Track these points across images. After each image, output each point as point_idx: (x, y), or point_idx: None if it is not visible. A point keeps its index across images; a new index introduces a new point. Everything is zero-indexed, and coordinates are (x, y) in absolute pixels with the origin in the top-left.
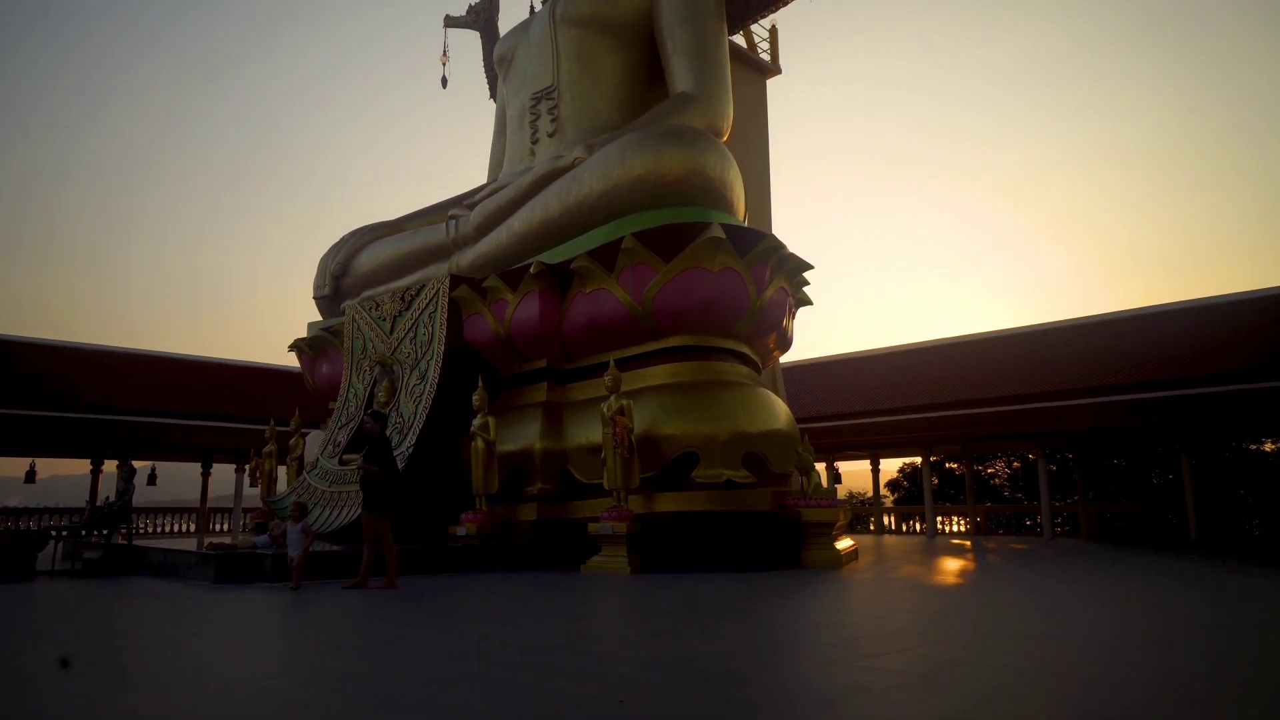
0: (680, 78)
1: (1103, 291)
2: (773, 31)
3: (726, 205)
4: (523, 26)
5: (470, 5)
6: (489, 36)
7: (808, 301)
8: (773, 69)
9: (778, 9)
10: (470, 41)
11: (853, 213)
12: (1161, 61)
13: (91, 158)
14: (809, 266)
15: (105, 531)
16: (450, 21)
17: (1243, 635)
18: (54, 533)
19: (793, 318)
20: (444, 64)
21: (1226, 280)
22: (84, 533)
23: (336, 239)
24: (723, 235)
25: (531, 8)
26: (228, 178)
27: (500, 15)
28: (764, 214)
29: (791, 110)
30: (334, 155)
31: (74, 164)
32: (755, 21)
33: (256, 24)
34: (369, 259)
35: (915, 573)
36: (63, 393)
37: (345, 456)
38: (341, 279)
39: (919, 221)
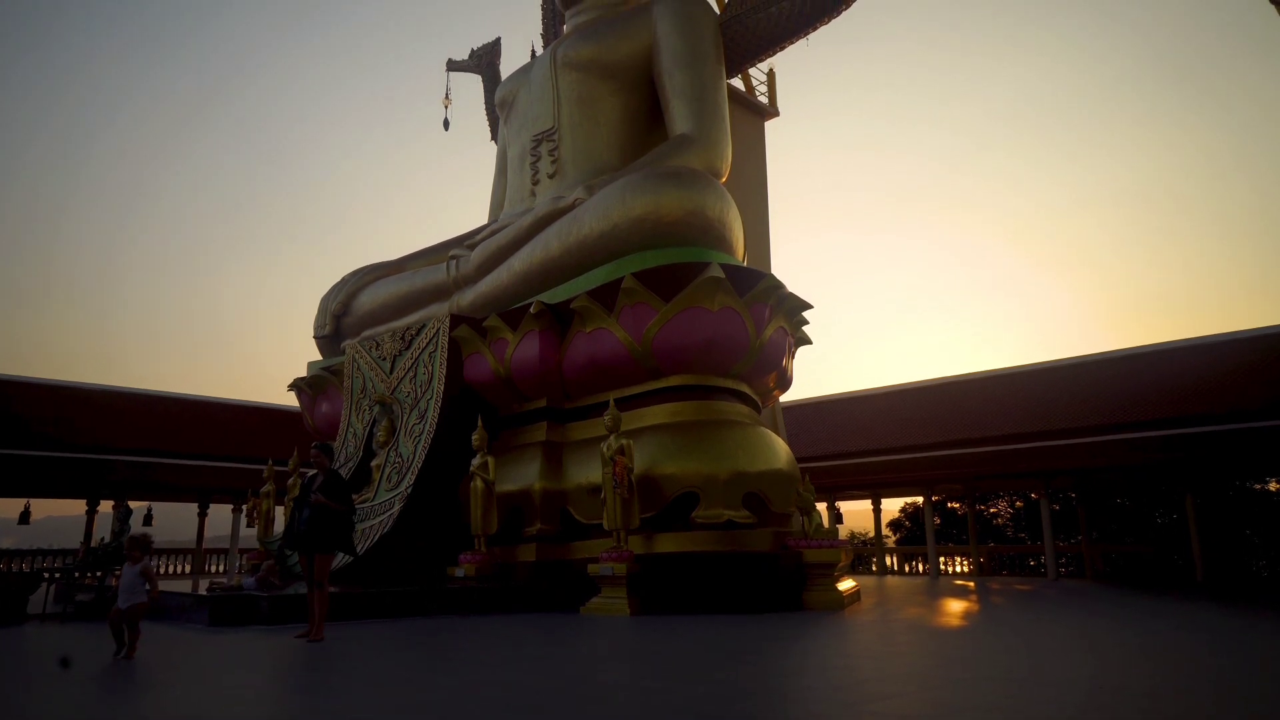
0: (680, 120)
1: (1104, 330)
2: (770, 74)
3: (726, 245)
4: (524, 70)
5: (472, 49)
6: (490, 80)
7: (807, 341)
8: (771, 111)
9: (775, 53)
10: (472, 85)
11: (852, 252)
12: (1165, 99)
13: (85, 195)
14: (808, 306)
15: (99, 573)
16: (453, 65)
17: (1242, 682)
18: (47, 575)
19: (792, 357)
20: (446, 106)
21: (1227, 319)
22: (77, 574)
23: (336, 277)
24: (722, 275)
25: (533, 51)
26: (224, 215)
27: (501, 59)
28: (763, 254)
29: (790, 151)
30: (333, 193)
31: (68, 201)
32: (753, 65)
33: (250, 59)
34: (370, 298)
35: (918, 614)
36: (58, 433)
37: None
38: (342, 318)
39: (920, 260)
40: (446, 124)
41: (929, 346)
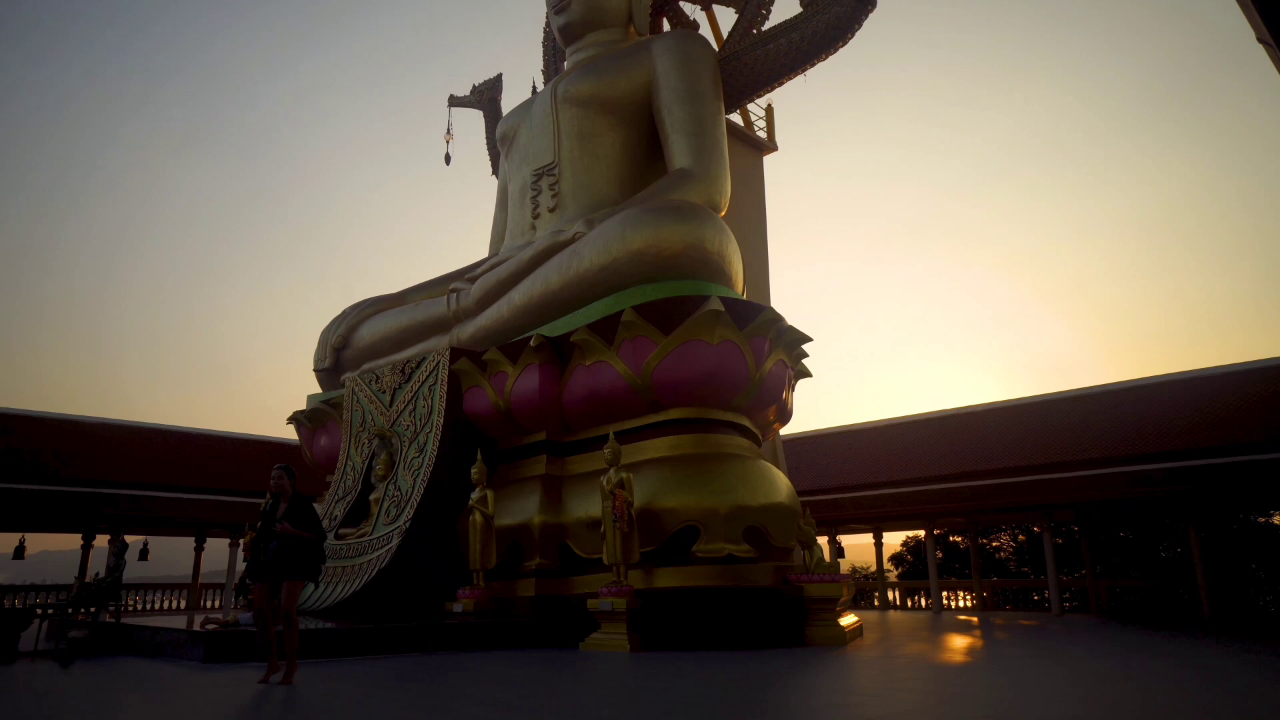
0: (679, 155)
1: (1103, 363)
2: (769, 110)
3: (725, 279)
4: (525, 106)
5: (474, 85)
6: (492, 115)
7: (807, 374)
8: (769, 146)
9: (774, 89)
10: (473, 119)
11: (852, 285)
12: (1165, 132)
13: (80, 225)
14: (808, 339)
15: (92, 609)
16: (455, 101)
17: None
18: (39, 611)
19: (792, 390)
20: (448, 141)
21: (1224, 352)
22: (70, 610)
23: (336, 309)
24: (721, 308)
25: (534, 88)
26: (221, 246)
27: (503, 95)
28: (762, 287)
29: (789, 184)
30: (333, 224)
31: (63, 231)
32: (752, 100)
33: (246, 88)
34: (370, 332)
35: (920, 650)
36: (54, 466)
37: (340, 530)
38: (342, 351)
39: (920, 293)
40: (448, 159)
41: (929, 379)
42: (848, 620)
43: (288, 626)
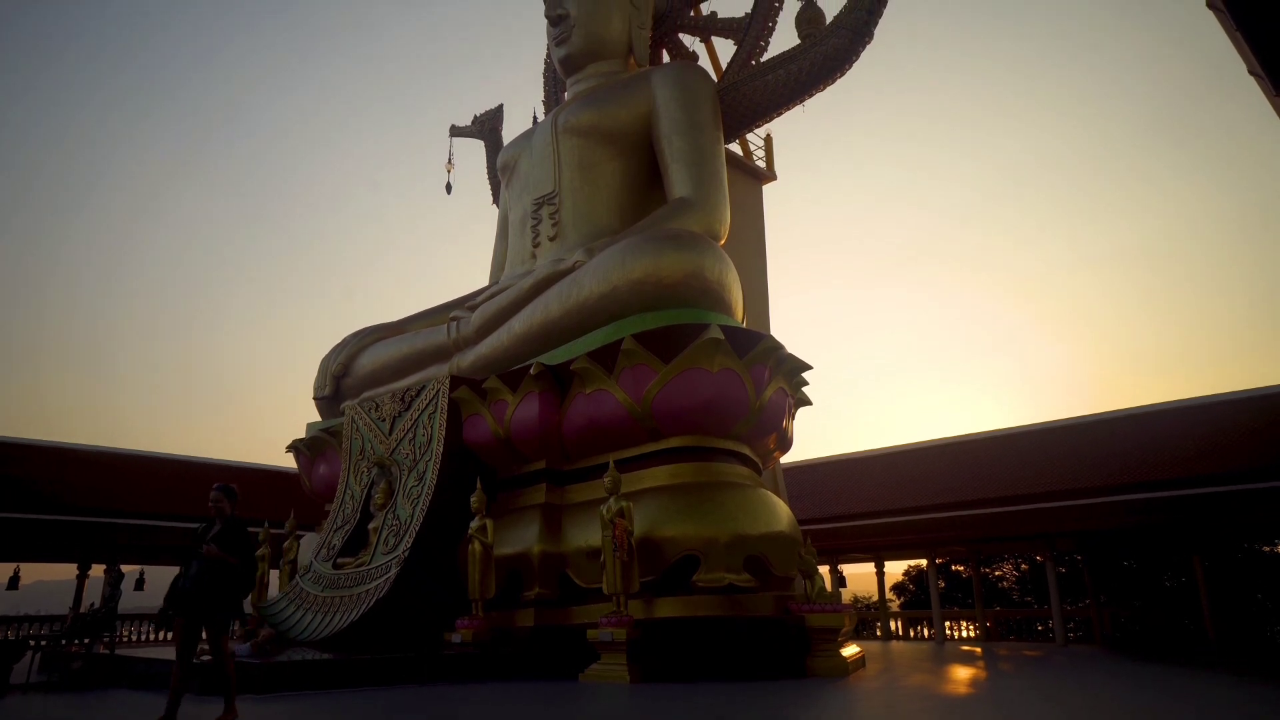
0: (679, 184)
1: (1103, 390)
2: (768, 140)
3: (725, 307)
4: (526, 135)
5: (475, 115)
6: (493, 145)
7: (807, 402)
8: (768, 175)
9: (773, 118)
10: (475, 149)
11: (853, 312)
12: (1164, 161)
13: (76, 251)
14: (808, 367)
15: (87, 640)
16: (456, 131)
17: None
18: (32, 642)
19: (792, 418)
20: (449, 171)
21: (1224, 380)
22: (64, 642)
23: (337, 336)
24: (721, 336)
25: (534, 118)
26: (220, 271)
27: (504, 125)
28: (762, 315)
29: (789, 211)
30: (332, 249)
31: (59, 257)
32: (751, 130)
33: (242, 111)
34: (370, 360)
35: (923, 681)
36: (50, 495)
37: (339, 560)
38: (342, 380)
39: (921, 320)
40: (449, 188)
41: (930, 406)
42: (850, 651)
43: (220, 662)
